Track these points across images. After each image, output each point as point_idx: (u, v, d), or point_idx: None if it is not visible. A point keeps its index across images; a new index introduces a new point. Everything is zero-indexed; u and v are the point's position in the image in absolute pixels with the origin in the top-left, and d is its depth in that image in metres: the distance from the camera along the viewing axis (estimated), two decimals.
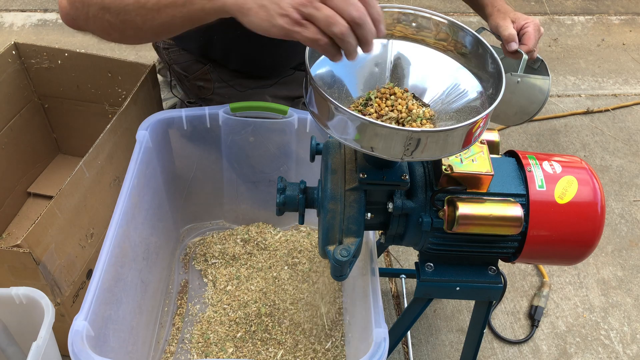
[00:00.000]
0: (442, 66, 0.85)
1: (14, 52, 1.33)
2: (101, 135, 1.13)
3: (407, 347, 1.28)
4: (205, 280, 1.30)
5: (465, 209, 0.80)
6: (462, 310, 1.37)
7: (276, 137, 1.24)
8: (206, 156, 1.28)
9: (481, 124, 0.73)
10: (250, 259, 1.33)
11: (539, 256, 0.91)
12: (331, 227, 0.84)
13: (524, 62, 1.15)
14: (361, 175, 0.81)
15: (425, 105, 0.81)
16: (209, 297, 1.26)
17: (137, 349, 1.07)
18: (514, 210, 0.81)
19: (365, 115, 0.76)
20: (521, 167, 0.89)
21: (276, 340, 1.18)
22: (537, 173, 0.87)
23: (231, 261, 1.32)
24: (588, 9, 2.59)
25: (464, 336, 1.27)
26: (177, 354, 1.17)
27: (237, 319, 1.20)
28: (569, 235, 0.86)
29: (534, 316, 1.35)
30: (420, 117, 0.78)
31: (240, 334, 1.18)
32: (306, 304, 1.24)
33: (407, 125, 0.78)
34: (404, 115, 0.79)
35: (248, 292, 1.26)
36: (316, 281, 1.28)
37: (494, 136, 0.93)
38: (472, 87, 0.83)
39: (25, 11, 2.30)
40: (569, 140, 1.88)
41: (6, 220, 1.44)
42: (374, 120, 0.69)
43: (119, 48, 2.13)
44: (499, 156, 0.93)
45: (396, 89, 0.82)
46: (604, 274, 1.48)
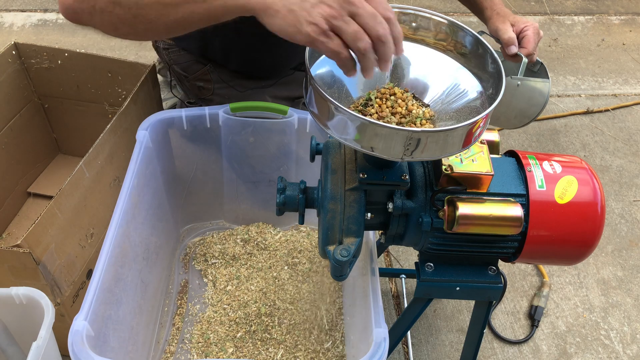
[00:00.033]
0: (442, 66, 0.85)
1: (14, 52, 1.33)
2: (101, 135, 1.13)
3: (407, 347, 1.28)
4: (205, 280, 1.30)
5: (465, 209, 0.80)
6: (462, 310, 1.37)
7: (276, 137, 1.24)
8: (206, 156, 1.28)
9: (481, 124, 0.73)
10: (250, 259, 1.33)
11: (539, 256, 0.91)
12: (331, 227, 0.84)
13: (523, 65, 1.15)
14: (361, 175, 0.81)
15: (425, 106, 0.81)
16: (209, 297, 1.26)
17: (137, 349, 1.07)
18: (514, 210, 0.81)
19: (366, 116, 0.75)
20: (521, 167, 0.89)
21: (276, 340, 1.18)
22: (537, 173, 0.87)
23: (231, 261, 1.32)
24: (588, 9, 2.59)
25: (464, 336, 1.27)
26: (177, 354, 1.17)
27: (237, 319, 1.20)
28: (569, 235, 0.86)
29: (534, 316, 1.35)
30: (420, 118, 0.78)
31: (240, 334, 1.18)
32: (306, 304, 1.24)
33: (406, 126, 0.78)
34: (403, 113, 0.79)
35: (248, 292, 1.26)
36: (316, 281, 1.28)
37: (494, 136, 0.93)
38: (472, 87, 0.83)
39: (25, 11, 2.30)
40: (569, 140, 1.88)
41: (6, 220, 1.44)
42: (373, 120, 0.69)
43: (119, 48, 2.13)
44: (499, 156, 0.93)
45: (396, 89, 0.82)
46: (604, 274, 1.48)
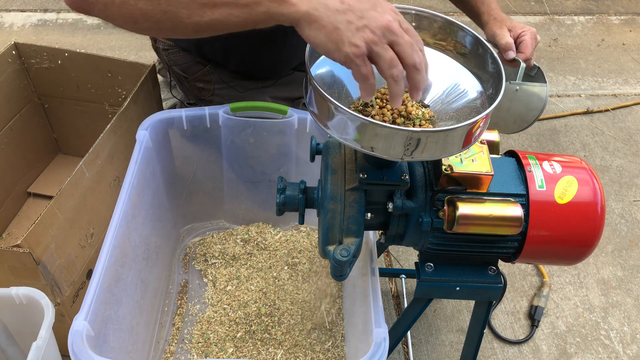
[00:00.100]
0: (442, 66, 0.85)
1: (14, 52, 1.33)
2: (101, 135, 1.13)
3: (407, 347, 1.28)
4: (205, 280, 1.30)
5: (465, 209, 0.80)
6: (462, 310, 1.37)
7: (276, 137, 1.24)
8: (206, 156, 1.28)
9: (481, 124, 0.73)
10: (250, 259, 1.33)
11: (539, 256, 0.91)
12: (331, 227, 0.83)
13: (522, 70, 1.16)
14: (361, 175, 0.81)
15: (425, 106, 0.81)
16: (209, 297, 1.26)
17: (137, 349, 1.07)
18: (514, 210, 0.81)
19: (366, 116, 0.75)
20: (521, 167, 0.89)
21: (276, 340, 1.18)
22: (537, 173, 0.87)
23: (231, 261, 1.32)
24: (588, 9, 2.59)
25: (464, 336, 1.27)
26: (177, 354, 1.17)
27: (237, 319, 1.20)
28: (569, 236, 0.86)
29: (534, 316, 1.35)
30: (420, 118, 0.78)
31: (240, 334, 1.18)
32: (306, 304, 1.24)
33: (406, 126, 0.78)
34: (403, 114, 0.79)
35: (248, 292, 1.26)
36: (316, 281, 1.28)
37: (494, 136, 0.93)
38: (472, 87, 0.83)
39: (25, 11, 2.30)
40: (569, 140, 1.88)
41: (6, 220, 1.44)
42: (373, 120, 0.69)
43: (119, 48, 2.13)
44: (499, 156, 0.92)
45: None
46: (604, 274, 1.48)
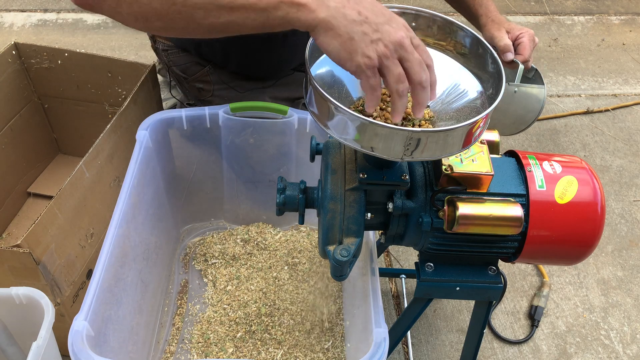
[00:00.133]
0: (442, 66, 0.84)
1: (14, 52, 1.33)
2: (101, 135, 1.13)
3: (407, 347, 1.28)
4: (205, 280, 1.30)
5: (465, 209, 0.80)
6: (462, 310, 1.37)
7: (276, 137, 1.24)
8: (206, 156, 1.28)
9: (481, 124, 0.73)
10: (250, 259, 1.33)
11: (539, 256, 0.91)
12: (331, 227, 0.83)
13: (520, 71, 1.16)
14: (361, 175, 0.81)
15: (426, 107, 0.81)
16: (209, 297, 1.26)
17: (137, 349, 1.07)
18: (514, 210, 0.81)
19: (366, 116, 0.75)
20: (521, 167, 0.89)
21: (276, 340, 1.18)
22: (537, 173, 0.87)
23: (231, 261, 1.32)
24: (588, 9, 2.59)
25: (464, 336, 1.27)
26: (177, 354, 1.17)
27: (237, 319, 1.20)
28: (569, 236, 0.86)
29: (534, 316, 1.35)
30: (419, 118, 0.78)
31: (240, 334, 1.18)
32: (306, 304, 1.24)
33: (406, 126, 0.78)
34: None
35: (248, 292, 1.26)
36: (316, 281, 1.28)
37: (494, 136, 0.93)
38: (472, 87, 0.83)
39: (25, 11, 2.30)
40: (569, 140, 1.88)
41: (6, 220, 1.44)
42: (374, 120, 0.69)
43: (119, 48, 2.13)
44: (499, 156, 0.92)
45: None
46: (604, 274, 1.48)
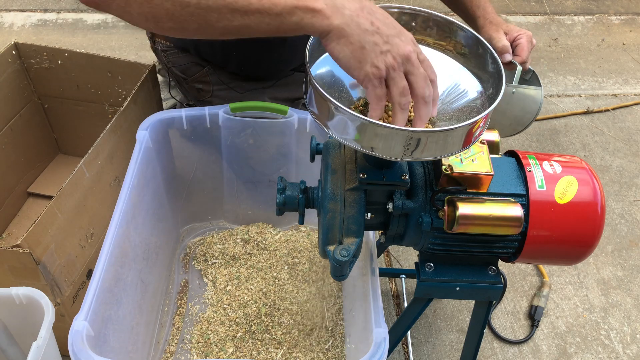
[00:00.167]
0: (442, 66, 0.84)
1: (14, 52, 1.33)
2: (101, 135, 1.13)
3: (407, 347, 1.28)
4: (205, 280, 1.30)
5: (465, 209, 0.80)
6: (462, 310, 1.37)
7: (276, 137, 1.24)
8: (206, 156, 1.28)
9: (481, 124, 0.73)
10: (250, 259, 1.33)
11: (539, 256, 0.91)
12: (331, 227, 0.83)
13: (518, 73, 1.16)
14: (361, 175, 0.81)
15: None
16: (209, 297, 1.26)
17: (137, 349, 1.07)
18: (514, 210, 0.81)
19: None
20: (521, 167, 0.89)
21: (276, 340, 1.18)
22: (537, 173, 0.87)
23: (231, 261, 1.32)
24: (588, 9, 2.59)
25: (464, 336, 1.27)
26: (177, 354, 1.17)
27: (237, 319, 1.20)
28: (569, 236, 0.86)
29: (534, 316, 1.35)
30: None
31: (240, 334, 1.18)
32: (306, 304, 1.24)
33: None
34: None
35: (248, 292, 1.26)
36: (316, 281, 1.28)
37: (494, 136, 0.93)
38: (472, 87, 0.83)
39: (25, 11, 2.30)
40: (569, 140, 1.88)
41: (6, 220, 1.44)
42: (374, 120, 0.69)
43: (119, 48, 2.13)
44: (499, 156, 0.92)
45: None
46: (604, 274, 1.48)
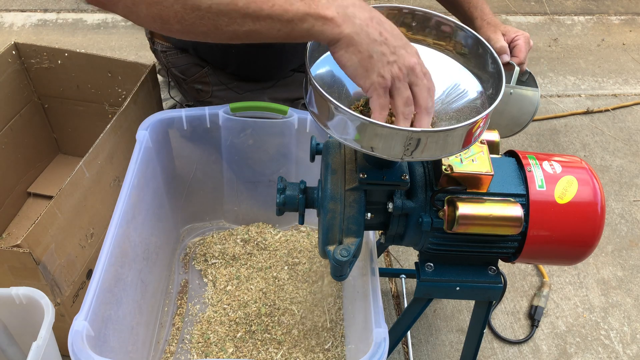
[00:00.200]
0: (442, 66, 0.85)
1: (14, 52, 1.33)
2: (101, 135, 1.13)
3: (407, 347, 1.28)
4: (205, 280, 1.30)
5: (465, 209, 0.80)
6: (462, 310, 1.37)
7: (276, 137, 1.24)
8: (206, 156, 1.28)
9: (481, 124, 0.73)
10: (250, 259, 1.33)
11: (539, 256, 0.90)
12: (331, 227, 0.83)
13: (516, 73, 1.17)
14: (361, 175, 0.81)
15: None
16: (209, 297, 1.26)
17: (137, 349, 1.07)
18: (514, 210, 0.81)
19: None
20: (521, 167, 0.89)
21: (276, 340, 1.18)
22: (537, 173, 0.87)
23: (231, 261, 1.32)
24: (588, 9, 2.59)
25: (464, 336, 1.27)
26: (177, 354, 1.17)
27: (237, 319, 1.20)
28: (569, 236, 0.86)
29: (534, 316, 1.35)
30: None
31: (240, 334, 1.18)
32: (306, 304, 1.24)
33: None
34: None
35: (248, 292, 1.26)
36: (316, 281, 1.28)
37: (494, 136, 0.93)
38: (472, 87, 0.83)
39: (25, 11, 2.30)
40: (569, 140, 1.88)
41: (6, 220, 1.44)
42: (374, 120, 0.69)
43: (119, 48, 2.13)
44: (499, 156, 0.92)
45: None
46: (604, 274, 1.48)
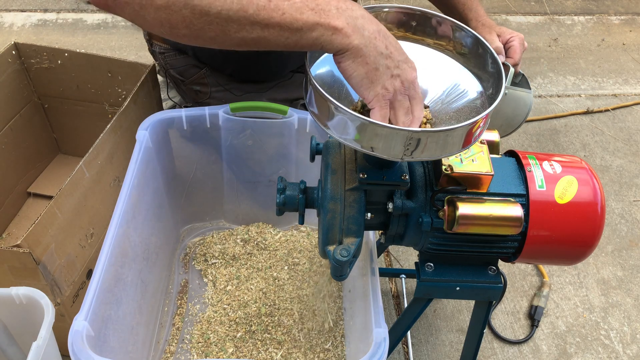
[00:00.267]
0: (442, 66, 0.85)
1: (14, 52, 1.33)
2: (101, 135, 1.13)
3: (407, 347, 1.28)
4: (205, 280, 1.30)
5: (465, 209, 0.80)
6: (462, 310, 1.37)
7: (276, 137, 1.24)
8: (206, 156, 1.28)
9: (481, 124, 0.73)
10: (250, 259, 1.33)
11: (539, 256, 0.90)
12: (331, 227, 0.83)
13: (510, 74, 1.17)
14: (361, 175, 0.81)
15: (425, 107, 0.81)
16: (209, 297, 1.26)
17: (137, 349, 1.07)
18: (514, 210, 0.81)
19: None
20: (521, 167, 0.89)
21: (276, 340, 1.18)
22: (537, 173, 0.87)
23: (231, 261, 1.32)
24: (588, 9, 2.59)
25: (464, 336, 1.27)
26: (177, 354, 1.17)
27: (237, 319, 1.20)
28: (569, 236, 0.86)
29: (534, 316, 1.35)
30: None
31: (240, 334, 1.18)
32: (306, 304, 1.24)
33: None
34: None
35: (248, 292, 1.26)
36: (316, 281, 1.28)
37: (494, 136, 0.93)
38: (472, 87, 0.83)
39: (25, 11, 2.30)
40: (569, 140, 1.88)
41: (6, 220, 1.44)
42: (374, 120, 0.70)
43: (119, 48, 2.13)
44: (499, 156, 0.92)
45: None
46: (604, 274, 1.48)
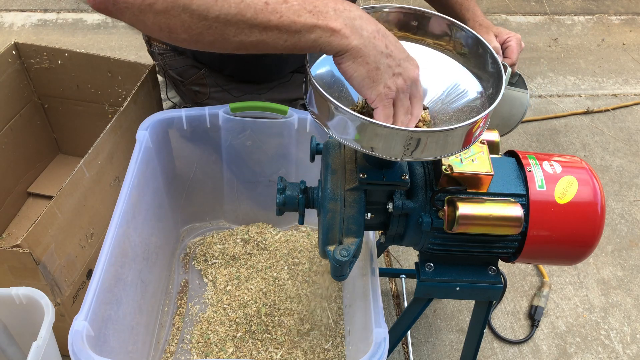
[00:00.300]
0: (441, 66, 0.85)
1: (14, 52, 1.33)
2: (101, 135, 1.13)
3: (407, 347, 1.28)
4: (205, 280, 1.30)
5: (465, 209, 0.80)
6: (462, 310, 1.37)
7: (276, 137, 1.24)
8: (206, 156, 1.28)
9: (481, 124, 0.73)
10: (250, 259, 1.33)
11: (539, 256, 0.91)
12: (331, 227, 0.83)
13: (508, 74, 1.17)
14: (361, 175, 0.81)
15: (424, 108, 0.81)
16: (209, 297, 1.26)
17: (137, 349, 1.07)
18: (514, 210, 0.81)
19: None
20: (521, 167, 0.89)
21: (276, 340, 1.18)
22: (537, 173, 0.87)
23: (231, 261, 1.32)
24: (588, 9, 2.59)
25: (464, 336, 1.27)
26: (177, 354, 1.17)
27: (237, 319, 1.20)
28: (569, 236, 0.86)
29: (534, 316, 1.35)
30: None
31: (240, 334, 1.18)
32: (306, 304, 1.24)
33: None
34: None
35: (248, 292, 1.26)
36: (316, 281, 1.28)
37: (494, 136, 0.93)
38: (472, 87, 0.83)
39: (25, 11, 2.30)
40: (569, 140, 1.88)
41: (6, 220, 1.44)
42: (374, 120, 0.70)
43: (119, 48, 2.13)
44: (499, 156, 0.92)
45: None
46: (604, 274, 1.48)
